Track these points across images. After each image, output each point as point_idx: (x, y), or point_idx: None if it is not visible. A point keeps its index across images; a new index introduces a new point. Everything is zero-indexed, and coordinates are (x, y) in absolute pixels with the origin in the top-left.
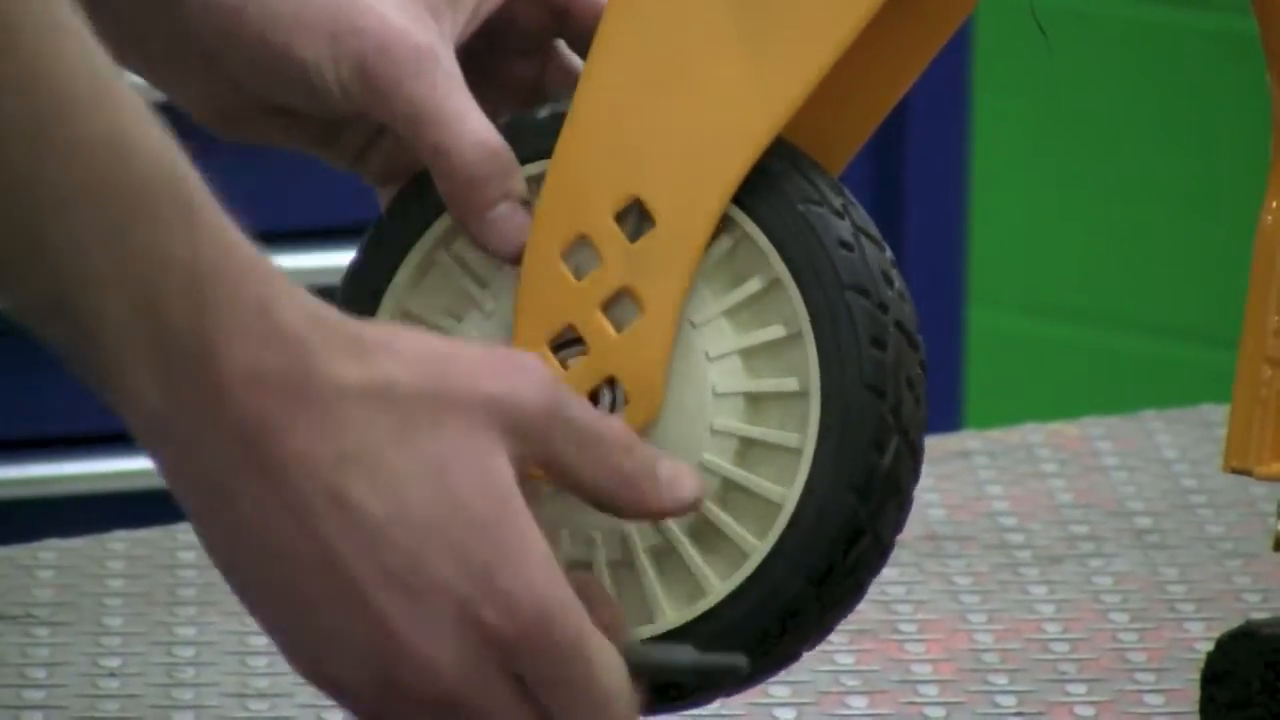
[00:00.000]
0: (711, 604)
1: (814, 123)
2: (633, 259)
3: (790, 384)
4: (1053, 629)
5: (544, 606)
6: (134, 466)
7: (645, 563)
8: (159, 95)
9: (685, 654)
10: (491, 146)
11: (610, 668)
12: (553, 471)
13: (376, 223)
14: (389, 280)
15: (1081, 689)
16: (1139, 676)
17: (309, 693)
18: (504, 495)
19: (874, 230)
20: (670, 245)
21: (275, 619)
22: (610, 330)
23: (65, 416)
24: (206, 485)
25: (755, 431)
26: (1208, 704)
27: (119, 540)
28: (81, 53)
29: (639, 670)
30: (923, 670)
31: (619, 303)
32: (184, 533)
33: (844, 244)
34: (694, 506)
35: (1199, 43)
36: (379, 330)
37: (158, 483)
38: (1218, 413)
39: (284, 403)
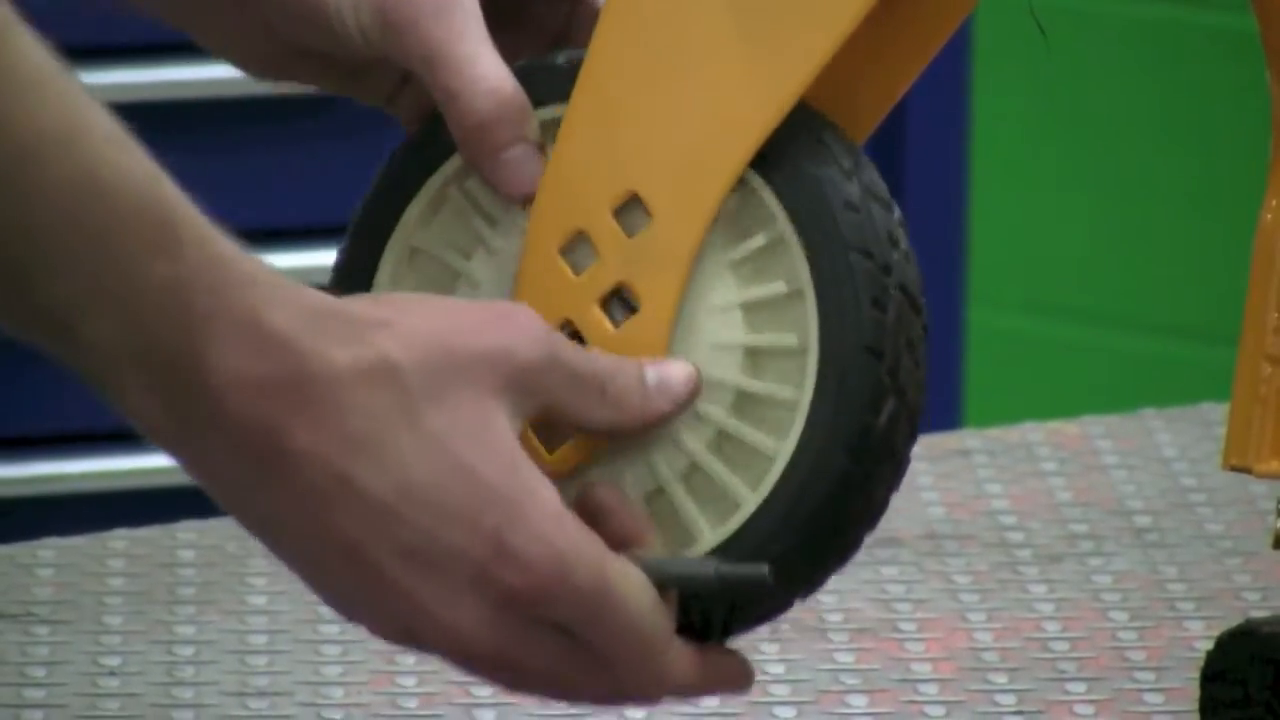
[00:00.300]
0: (701, 552)
1: (833, 89)
2: (630, 254)
3: (789, 340)
4: (1052, 627)
5: (558, 558)
6: (134, 465)
7: (678, 489)
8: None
9: (708, 565)
10: (504, 91)
11: (637, 596)
12: (554, 417)
13: (389, 158)
14: (399, 216)
15: (1081, 687)
16: (1138, 675)
17: (309, 691)
18: (507, 457)
19: (883, 192)
20: (667, 240)
21: (315, 589)
22: (608, 325)
23: (65, 415)
24: (223, 488)
25: (753, 385)
26: (1207, 702)
27: (119, 539)
28: (53, 95)
29: (666, 584)
30: (922, 669)
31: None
32: (184, 531)
33: (850, 205)
34: (691, 397)
35: (1198, 41)
36: (374, 308)
37: (158, 481)
38: (1217, 411)
39: (282, 405)
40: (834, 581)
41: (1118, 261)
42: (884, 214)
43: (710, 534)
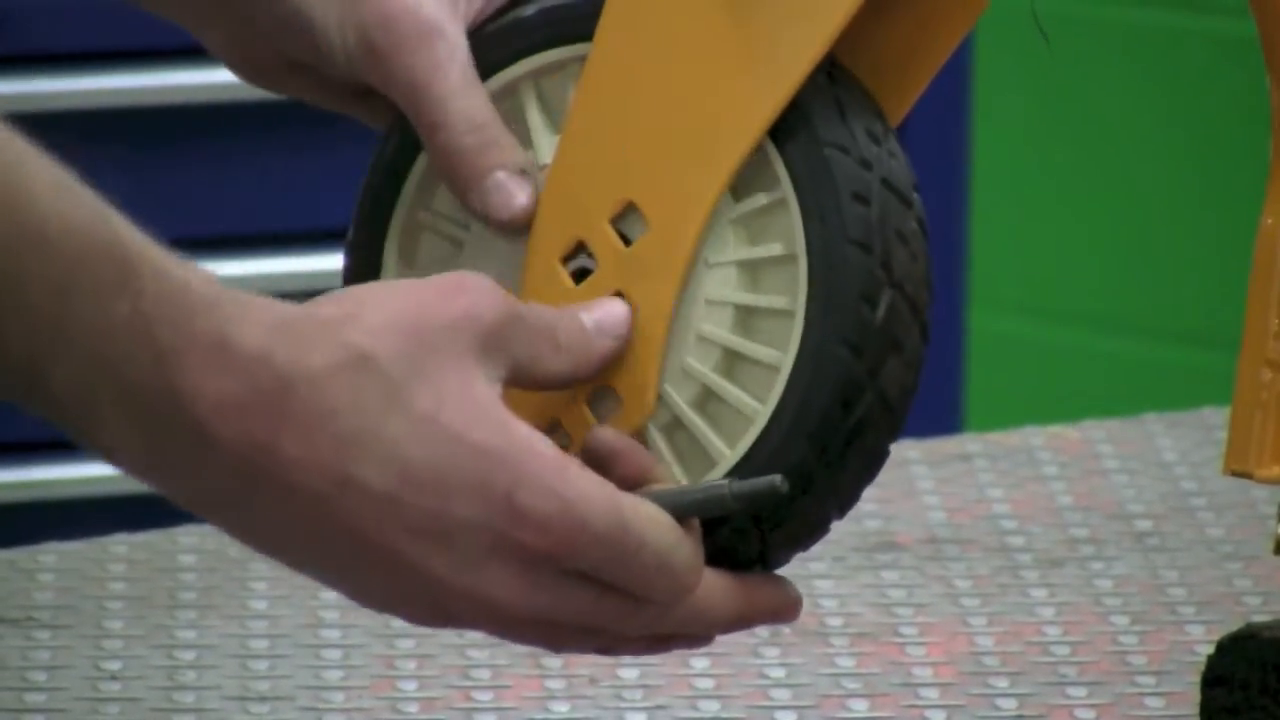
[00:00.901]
0: (724, 472)
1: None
2: (626, 263)
3: (776, 248)
4: (1053, 632)
5: (571, 508)
6: None
7: (659, 442)
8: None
9: (720, 486)
10: (485, 126)
11: (657, 529)
12: (520, 378)
13: (383, 140)
14: (398, 193)
15: (1082, 692)
16: (1139, 679)
17: (310, 696)
18: (498, 420)
19: (861, 96)
20: (662, 248)
21: (336, 588)
22: None
23: None
24: (224, 513)
25: (749, 298)
26: (1208, 707)
27: (120, 544)
28: None
29: (684, 514)
30: (923, 673)
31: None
32: (185, 536)
33: (824, 105)
34: (623, 342)
35: (1199, 46)
36: (336, 306)
37: None
38: (1218, 416)
39: (267, 420)
40: (835, 586)
41: (1118, 266)
42: (860, 113)
43: (731, 454)
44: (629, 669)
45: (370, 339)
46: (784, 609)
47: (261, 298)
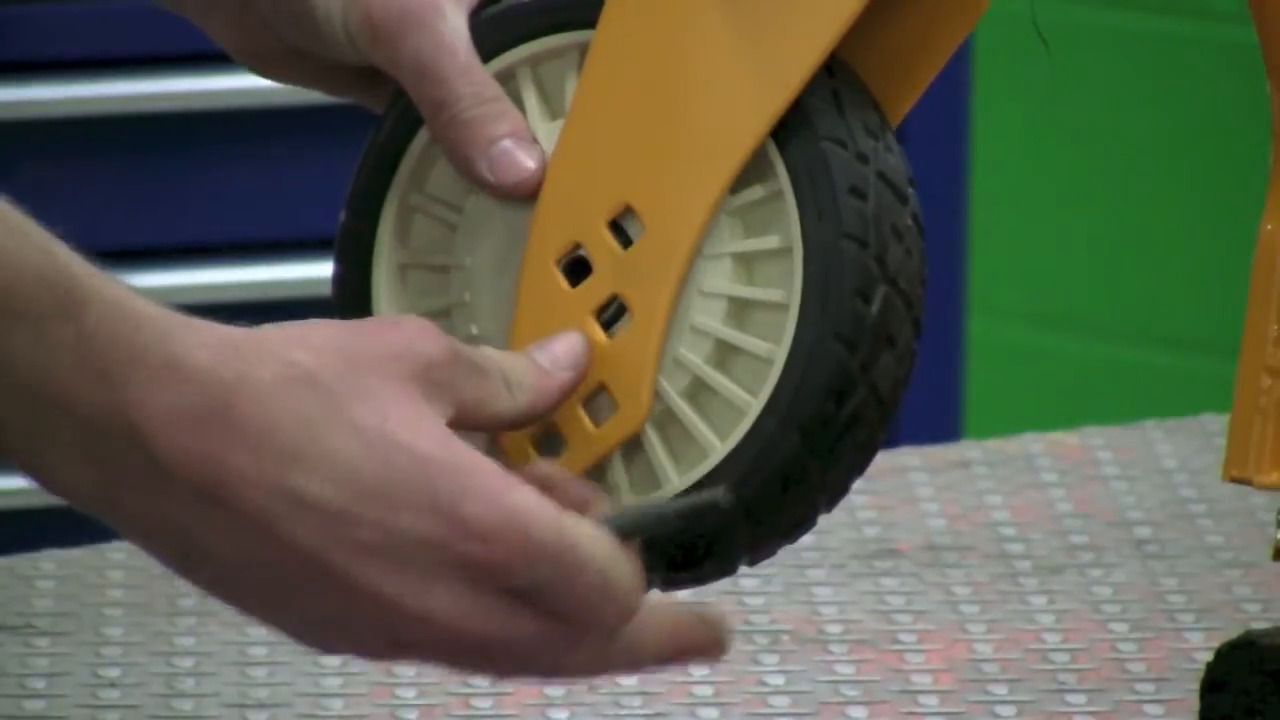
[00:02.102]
0: (714, 464)
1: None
2: (623, 266)
3: (771, 241)
4: (1052, 639)
5: (515, 518)
6: None
7: (649, 432)
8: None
9: (662, 503)
10: (492, 101)
11: (598, 546)
12: (468, 418)
13: (379, 122)
14: (393, 174)
15: (1081, 699)
16: (1139, 686)
17: (309, 703)
18: (441, 434)
19: (859, 91)
20: (659, 252)
21: (280, 623)
22: (601, 337)
23: None
24: (169, 537)
25: (745, 291)
26: (1207, 714)
27: (119, 550)
28: None
29: (627, 534)
30: (922, 680)
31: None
32: None
33: (822, 99)
34: (581, 371)
35: (1199, 52)
36: (284, 331)
37: None
38: (1217, 422)
39: (214, 434)
40: (834, 593)
41: (1118, 272)
42: (858, 109)
43: (721, 446)
44: (628, 676)
45: (314, 357)
46: (712, 647)
47: (205, 321)
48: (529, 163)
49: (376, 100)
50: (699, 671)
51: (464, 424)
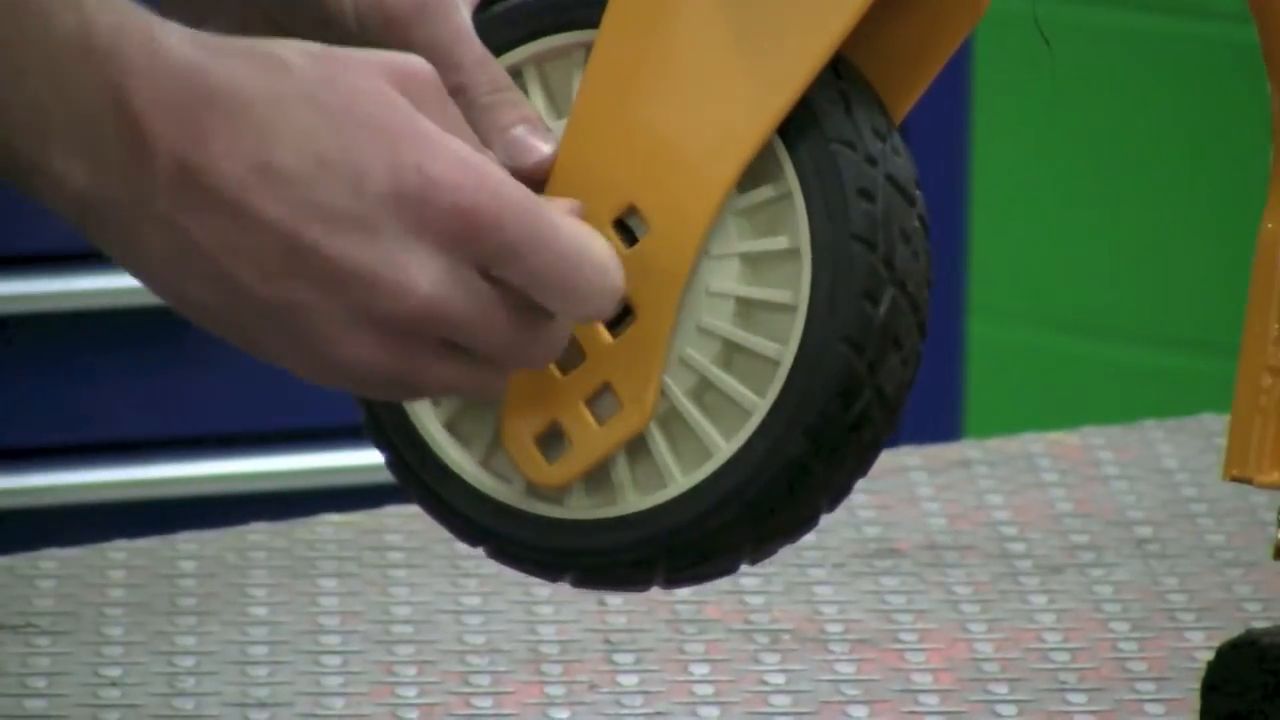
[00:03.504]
0: (719, 464)
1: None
2: (628, 265)
3: (780, 242)
4: (1053, 638)
5: (484, 178)
6: (134, 476)
7: (654, 431)
8: None
9: None
10: (501, 86)
11: (571, 221)
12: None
13: None
14: None
15: (1082, 698)
16: (1139, 686)
17: (309, 702)
18: (407, 108)
19: (866, 92)
20: (664, 251)
21: (265, 342)
22: (606, 337)
23: (65, 425)
24: (154, 235)
25: (753, 291)
26: (1208, 713)
27: (119, 550)
28: None
29: None
30: (923, 680)
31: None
32: (184, 542)
33: (830, 101)
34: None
35: (1199, 52)
36: (265, 40)
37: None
38: (1218, 422)
39: (196, 115)
40: (834, 592)
41: (1118, 273)
42: (867, 109)
43: (726, 447)
44: (629, 675)
45: (286, 51)
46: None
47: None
48: (544, 147)
49: None
50: (699, 670)
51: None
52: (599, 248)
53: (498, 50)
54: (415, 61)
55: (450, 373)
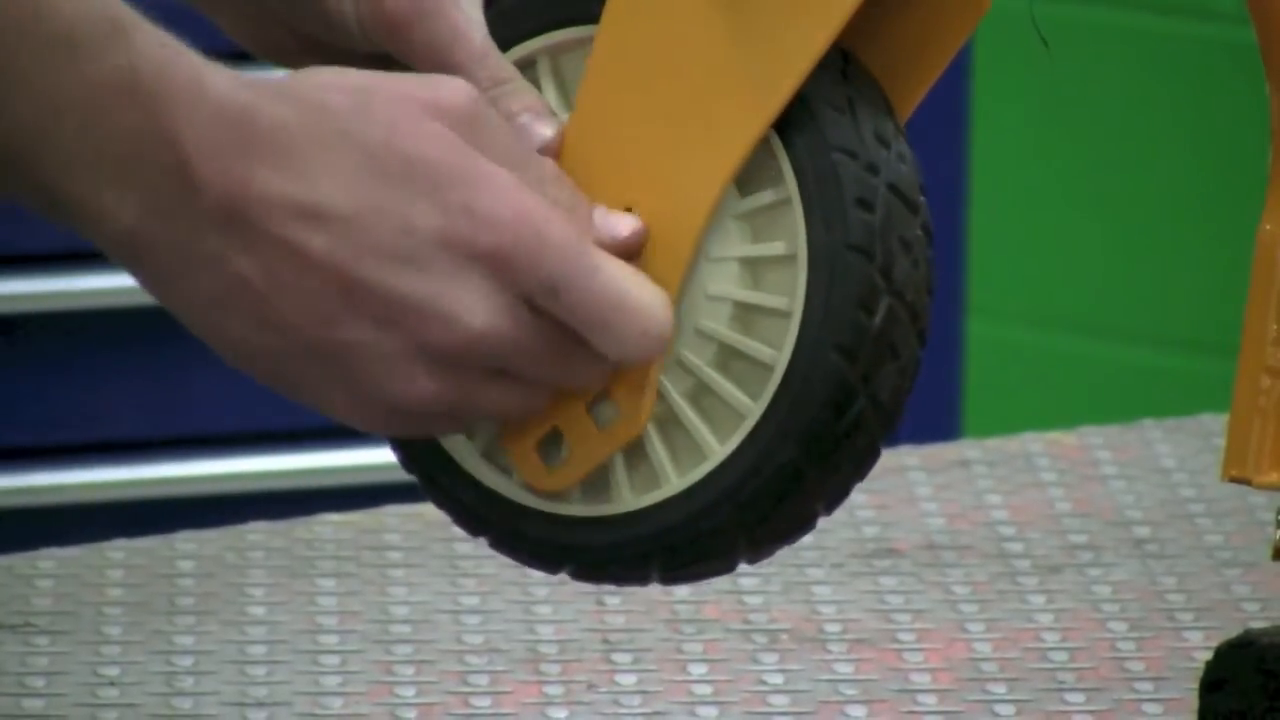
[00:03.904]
0: (713, 466)
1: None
2: None
3: (778, 247)
4: (1051, 638)
5: (529, 214)
6: (133, 476)
7: (651, 432)
8: None
9: None
10: (503, 79)
11: (616, 262)
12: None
13: None
14: None
15: (1080, 698)
16: (1137, 686)
17: (307, 702)
18: (451, 140)
19: (874, 96)
20: (659, 252)
21: (314, 377)
22: None
23: (64, 425)
24: (201, 273)
25: (750, 296)
26: (1206, 713)
27: (118, 549)
28: None
29: None
30: (921, 679)
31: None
32: (182, 542)
33: (834, 106)
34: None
35: (1198, 52)
36: (304, 72)
37: (156, 492)
38: (1216, 422)
39: (240, 158)
40: (833, 592)
41: (1117, 272)
42: (872, 116)
43: (721, 450)
44: (627, 675)
45: (327, 92)
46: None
47: (221, 65)
48: (546, 131)
49: None
50: (698, 670)
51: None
52: (641, 293)
53: (513, 41)
54: (452, 89)
55: (496, 397)
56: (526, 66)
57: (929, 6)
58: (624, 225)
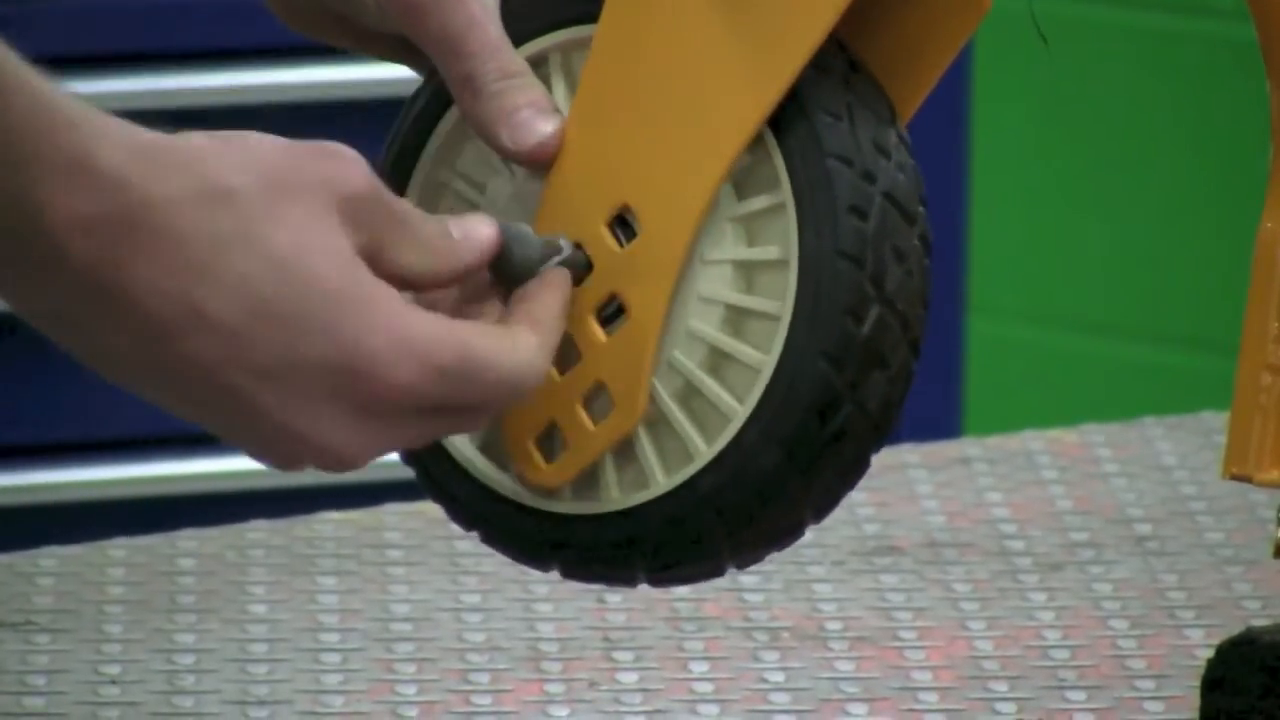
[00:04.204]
0: (699, 468)
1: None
2: (620, 264)
3: (772, 252)
4: (1052, 636)
5: (421, 349)
6: (134, 474)
7: (641, 432)
8: None
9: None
10: (512, 73)
11: (501, 350)
12: (374, 260)
13: (414, 94)
14: (424, 146)
15: (1081, 696)
16: (1139, 683)
17: (309, 700)
18: (351, 266)
19: (877, 104)
20: (654, 251)
21: (173, 412)
22: (600, 335)
23: (65, 423)
24: (73, 331)
25: (741, 299)
26: (1207, 711)
27: (119, 548)
28: None
29: (527, 260)
30: (923, 677)
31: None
32: (184, 540)
33: (833, 113)
34: (493, 250)
35: (1198, 49)
36: (210, 139)
37: (158, 490)
38: (1217, 420)
39: (119, 241)
40: (833, 590)
41: (1117, 270)
42: (873, 122)
43: (707, 451)
44: (628, 673)
45: (232, 175)
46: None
47: (130, 124)
48: (546, 127)
49: (417, 64)
50: (699, 668)
51: (370, 265)
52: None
53: (526, 36)
54: (355, 176)
55: (425, 433)
56: (539, 63)
57: (930, 6)
58: (483, 236)
